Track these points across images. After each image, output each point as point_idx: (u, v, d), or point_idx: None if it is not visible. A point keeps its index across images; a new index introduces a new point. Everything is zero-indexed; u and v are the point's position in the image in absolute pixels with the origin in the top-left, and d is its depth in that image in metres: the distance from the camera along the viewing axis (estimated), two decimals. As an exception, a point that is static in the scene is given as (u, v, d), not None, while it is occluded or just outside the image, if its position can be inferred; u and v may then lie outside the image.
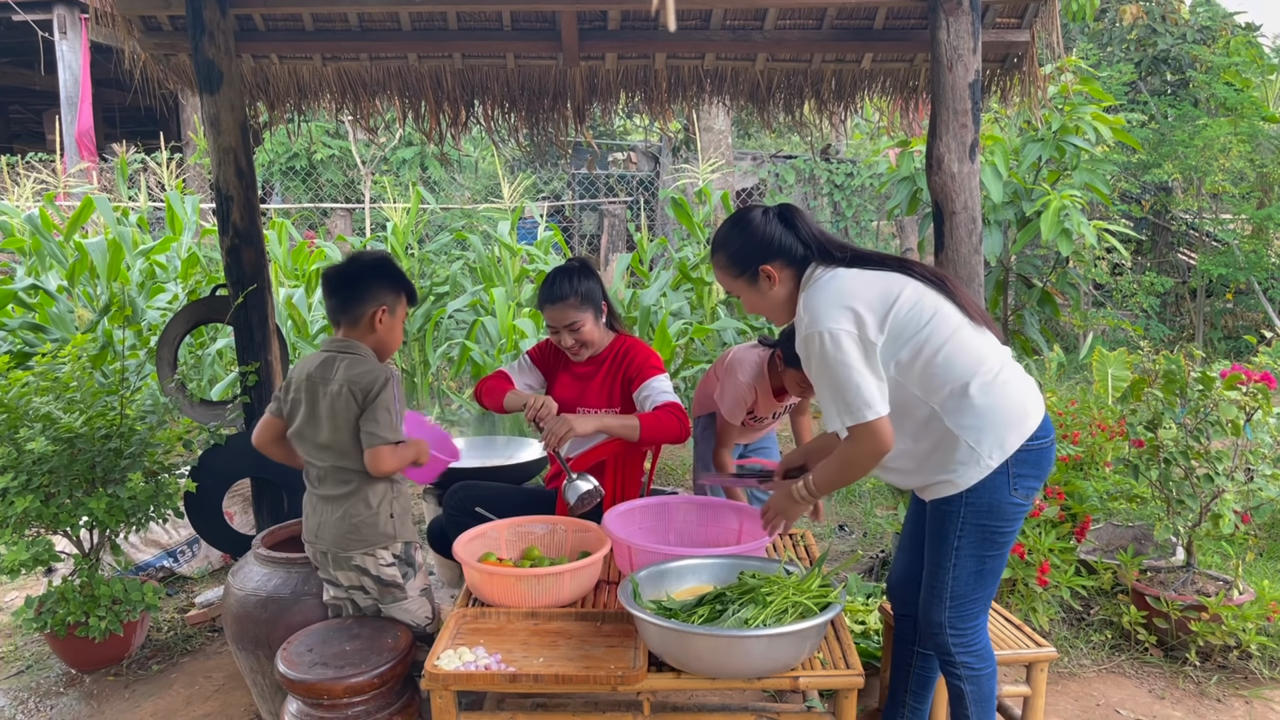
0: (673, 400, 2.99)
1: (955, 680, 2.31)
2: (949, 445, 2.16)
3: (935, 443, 2.18)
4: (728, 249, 2.34)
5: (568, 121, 4.47)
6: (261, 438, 2.68)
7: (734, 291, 2.38)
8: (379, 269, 2.62)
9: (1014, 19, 3.76)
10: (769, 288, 2.30)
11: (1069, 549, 3.47)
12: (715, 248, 2.39)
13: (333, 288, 2.59)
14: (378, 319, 2.56)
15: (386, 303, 2.57)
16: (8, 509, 3.09)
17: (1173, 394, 3.53)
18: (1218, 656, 3.39)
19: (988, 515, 2.18)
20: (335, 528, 2.55)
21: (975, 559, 2.22)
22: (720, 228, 2.41)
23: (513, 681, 2.11)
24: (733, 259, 2.33)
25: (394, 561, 2.61)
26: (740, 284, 2.34)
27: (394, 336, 2.63)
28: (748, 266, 2.31)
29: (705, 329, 6.46)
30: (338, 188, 12.26)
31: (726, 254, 2.34)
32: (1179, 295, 9.90)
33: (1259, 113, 8.54)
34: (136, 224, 6.99)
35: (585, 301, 3.06)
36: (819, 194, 11.78)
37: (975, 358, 2.16)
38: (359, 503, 2.55)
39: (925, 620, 2.32)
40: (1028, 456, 2.17)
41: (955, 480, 2.17)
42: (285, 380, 2.65)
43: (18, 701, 3.29)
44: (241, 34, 3.83)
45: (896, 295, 2.15)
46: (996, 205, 4.53)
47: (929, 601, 2.30)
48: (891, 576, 2.58)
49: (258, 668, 2.85)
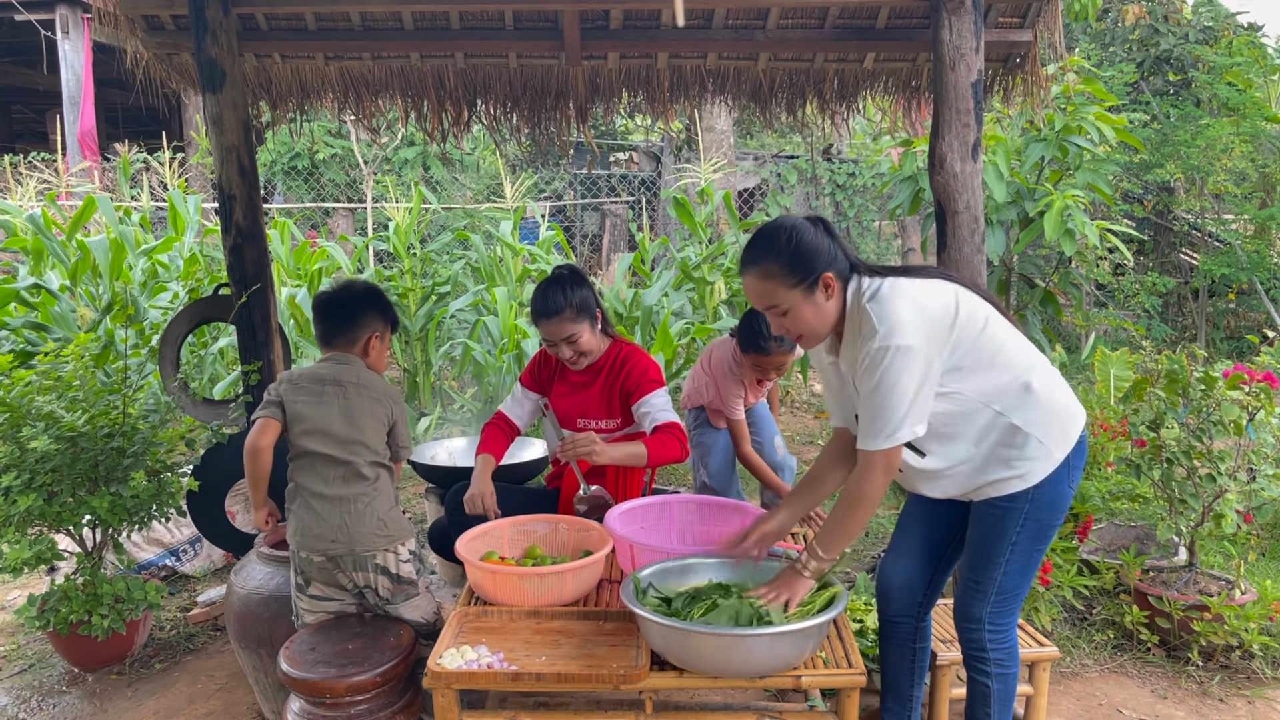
0: (673, 420, 3.00)
1: (983, 678, 2.31)
2: (1018, 444, 2.18)
3: (999, 443, 2.19)
4: (781, 256, 2.15)
5: (570, 121, 4.46)
6: (263, 440, 2.63)
7: (779, 303, 2.18)
8: (372, 298, 2.77)
9: (1016, 18, 3.76)
10: (824, 299, 2.18)
11: (1071, 549, 3.47)
12: (762, 254, 2.18)
13: (326, 313, 2.72)
14: (370, 345, 2.73)
15: (378, 330, 2.75)
16: (11, 507, 3.09)
17: (1175, 394, 3.52)
18: (1220, 656, 3.39)
19: (1049, 509, 2.22)
20: (361, 525, 2.57)
21: (1027, 553, 2.25)
22: (765, 235, 2.21)
23: (515, 680, 2.11)
24: (790, 266, 2.15)
25: (410, 558, 2.65)
26: (795, 294, 2.16)
27: (382, 361, 2.81)
28: (808, 275, 2.15)
29: (707, 329, 6.46)
30: (340, 187, 12.27)
31: (781, 261, 2.15)
32: (1181, 295, 9.89)
33: (1261, 113, 8.53)
34: (139, 223, 6.99)
35: (581, 312, 3.03)
36: (821, 194, 11.78)
37: (1028, 355, 2.21)
38: (382, 497, 2.61)
39: (963, 615, 2.32)
40: (1080, 447, 2.24)
41: (1025, 476, 2.19)
42: (278, 385, 2.67)
43: (20, 700, 3.29)
44: (244, 33, 3.83)
45: (956, 304, 2.16)
46: (999, 205, 4.53)
47: (970, 597, 2.29)
48: (890, 579, 2.50)
49: (260, 666, 2.85)
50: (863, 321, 2.12)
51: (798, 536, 3.13)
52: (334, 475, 2.61)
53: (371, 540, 2.58)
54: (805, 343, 2.27)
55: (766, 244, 2.19)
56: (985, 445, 2.20)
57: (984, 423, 2.19)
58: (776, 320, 2.23)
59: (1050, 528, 2.24)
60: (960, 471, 2.24)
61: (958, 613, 2.36)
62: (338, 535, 2.57)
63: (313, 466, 2.62)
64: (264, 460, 2.65)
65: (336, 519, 2.58)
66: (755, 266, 2.19)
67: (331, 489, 2.60)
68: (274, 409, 2.64)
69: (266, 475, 2.67)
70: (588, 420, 3.16)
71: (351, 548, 2.57)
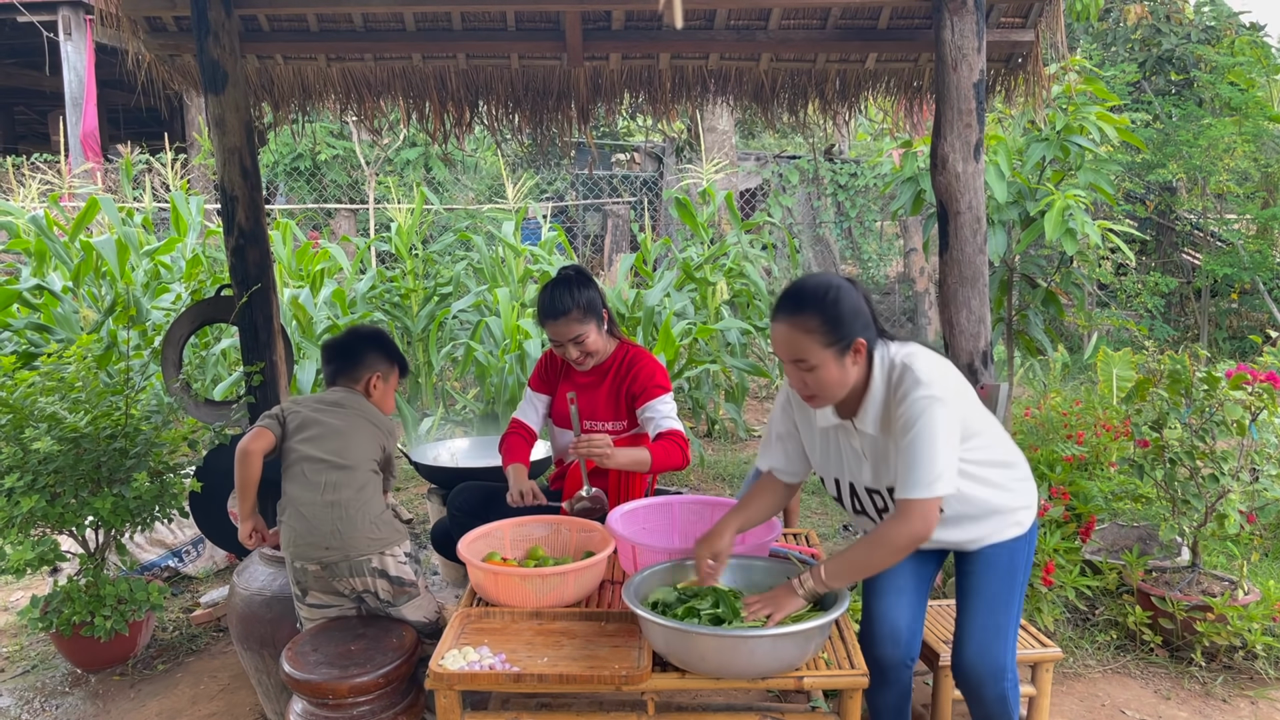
0: (676, 428, 3.01)
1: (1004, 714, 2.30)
2: (1014, 497, 2.34)
3: (998, 497, 2.31)
4: (823, 313, 2.11)
5: (572, 122, 4.47)
6: (255, 445, 2.63)
7: (808, 358, 2.13)
8: (374, 341, 2.89)
9: (1018, 18, 3.76)
10: (851, 363, 2.15)
11: (1074, 549, 3.46)
12: (802, 308, 2.14)
13: (330, 355, 2.87)
14: (372, 384, 2.83)
15: (380, 371, 2.84)
16: (13, 509, 3.09)
17: (1178, 394, 3.52)
18: (1223, 657, 3.38)
19: (1032, 548, 2.40)
20: (354, 529, 2.57)
21: (1022, 592, 2.36)
22: (807, 290, 2.17)
23: (517, 681, 2.11)
24: (828, 325, 2.11)
25: (406, 559, 2.65)
26: (827, 354, 2.12)
27: (387, 402, 2.89)
28: (844, 337, 2.12)
29: (709, 329, 6.46)
30: (342, 188, 12.27)
31: (821, 319, 2.11)
32: (1183, 295, 9.88)
33: (1264, 113, 8.52)
34: (141, 225, 6.99)
35: (588, 313, 3.03)
36: (823, 194, 11.78)
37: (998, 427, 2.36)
38: (373, 502, 2.62)
39: (989, 666, 2.26)
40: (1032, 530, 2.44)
41: (1022, 522, 2.35)
42: (281, 408, 2.76)
43: (23, 701, 3.30)
44: (246, 34, 3.83)
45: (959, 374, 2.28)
46: (1001, 205, 4.52)
47: (991, 647, 2.26)
48: (898, 620, 2.34)
49: (263, 667, 2.86)
50: (902, 377, 2.14)
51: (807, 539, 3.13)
52: (325, 481, 2.61)
53: (365, 544, 2.58)
54: (815, 403, 2.24)
55: (808, 298, 2.15)
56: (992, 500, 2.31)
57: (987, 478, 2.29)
58: (797, 374, 2.18)
59: (1031, 564, 2.42)
60: (970, 518, 2.31)
61: (984, 668, 2.26)
62: (331, 541, 2.57)
63: (304, 474, 2.62)
64: (253, 465, 2.64)
65: (329, 524, 2.57)
66: (792, 318, 2.14)
67: (323, 495, 2.60)
68: (272, 421, 2.70)
69: (254, 483, 2.67)
70: (595, 422, 3.16)
71: (346, 553, 2.57)
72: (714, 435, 6.96)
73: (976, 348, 3.18)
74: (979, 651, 2.28)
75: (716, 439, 6.90)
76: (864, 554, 2.14)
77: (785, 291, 2.20)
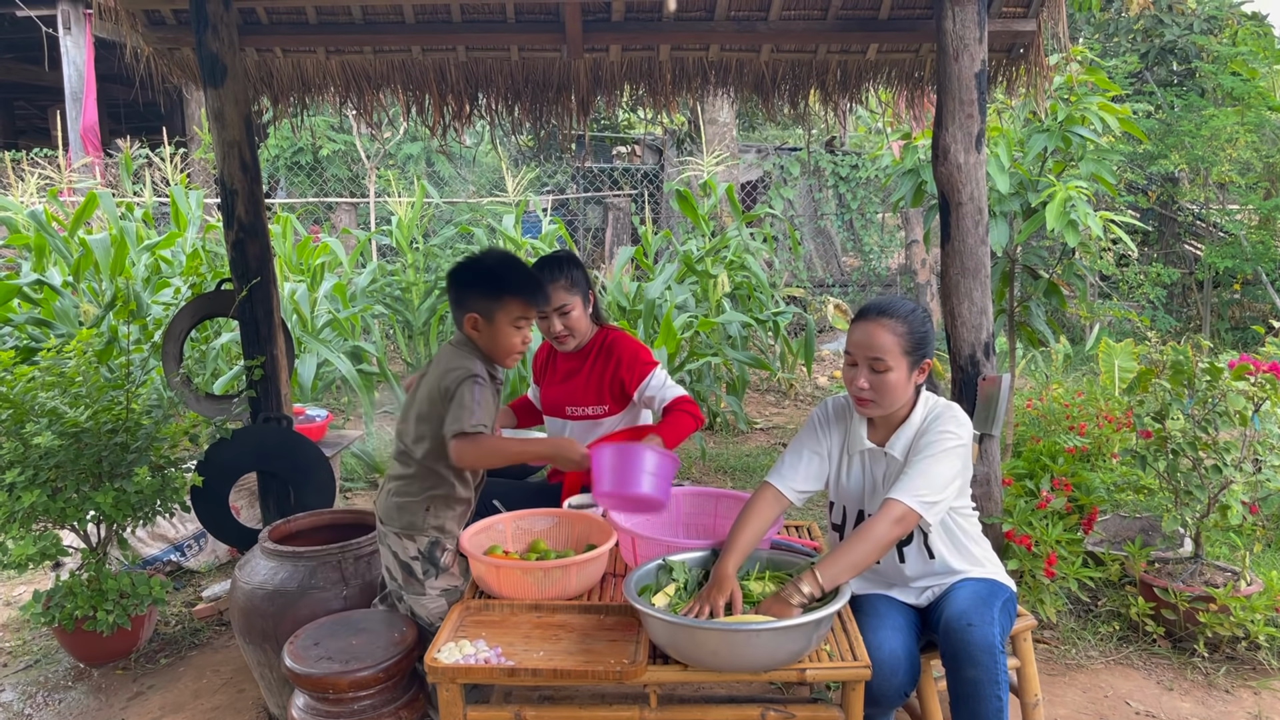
0: (680, 394, 3.03)
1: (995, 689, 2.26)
2: (993, 564, 2.53)
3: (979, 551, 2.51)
4: (911, 325, 2.36)
5: (572, 114, 4.45)
6: None
7: (885, 358, 2.33)
8: (475, 272, 2.58)
9: (1020, 8, 3.74)
10: (917, 379, 2.41)
11: (1076, 540, 3.46)
12: (895, 314, 2.37)
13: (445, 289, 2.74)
14: (470, 327, 2.56)
15: (479, 310, 2.54)
16: (15, 504, 3.09)
17: (1180, 385, 3.51)
18: (1226, 648, 3.38)
19: (1013, 609, 2.51)
20: (385, 500, 2.64)
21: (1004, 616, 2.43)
22: (900, 302, 2.42)
23: (511, 675, 2.11)
24: (913, 337, 2.36)
25: (418, 555, 2.61)
26: (903, 361, 2.35)
27: (497, 344, 2.56)
28: (921, 351, 2.38)
29: (710, 322, 6.45)
30: (342, 182, 12.25)
31: (909, 328, 2.36)
32: (1185, 286, 9.86)
33: (1266, 103, 8.50)
34: (141, 219, 6.98)
35: (574, 286, 3.12)
36: (824, 186, 11.76)
37: None
38: (409, 484, 2.61)
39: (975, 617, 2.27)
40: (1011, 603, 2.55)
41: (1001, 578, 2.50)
42: None
43: (26, 695, 3.30)
44: (245, 27, 3.82)
45: None
46: (1002, 196, 4.50)
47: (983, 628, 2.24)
48: (896, 650, 2.28)
49: (265, 661, 2.86)
50: (941, 413, 2.39)
51: (808, 531, 3.12)
52: (392, 453, 2.70)
53: (386, 515, 2.63)
54: (868, 409, 2.41)
55: (900, 309, 2.39)
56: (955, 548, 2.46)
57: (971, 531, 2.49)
58: (866, 373, 2.36)
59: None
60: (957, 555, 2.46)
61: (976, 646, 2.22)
62: (378, 503, 2.68)
63: None
64: None
65: (382, 490, 2.69)
66: (885, 318, 2.36)
67: (390, 468, 2.69)
68: None
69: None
70: (575, 407, 3.20)
71: (381, 517, 2.65)
72: (715, 428, 6.95)
73: (979, 339, 3.17)
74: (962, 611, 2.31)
75: (718, 432, 6.90)
76: (851, 551, 2.24)
77: (876, 300, 2.42)
